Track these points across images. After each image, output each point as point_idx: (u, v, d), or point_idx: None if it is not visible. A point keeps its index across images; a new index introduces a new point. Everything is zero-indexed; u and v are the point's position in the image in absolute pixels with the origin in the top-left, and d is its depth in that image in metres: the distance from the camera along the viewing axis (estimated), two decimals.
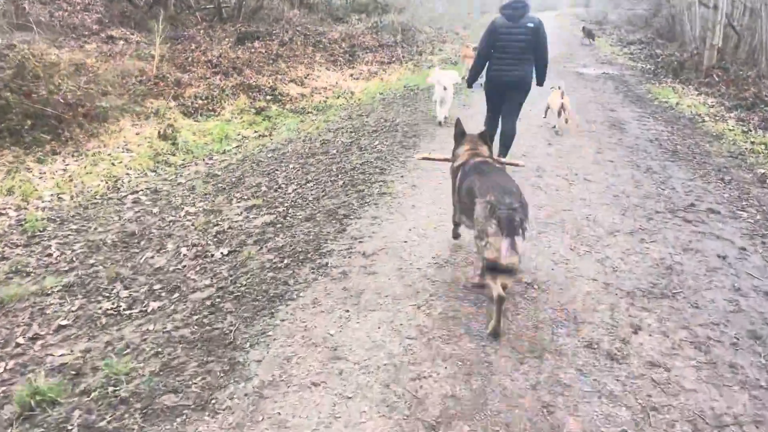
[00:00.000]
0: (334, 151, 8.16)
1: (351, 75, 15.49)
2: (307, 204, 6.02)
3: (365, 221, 5.68)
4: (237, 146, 10.00)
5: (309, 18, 22.27)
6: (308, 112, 12.42)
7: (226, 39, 16.58)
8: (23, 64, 9.14)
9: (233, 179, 7.62)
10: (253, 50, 15.43)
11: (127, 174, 8.51)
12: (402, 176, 6.80)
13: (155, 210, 6.85)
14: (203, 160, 9.23)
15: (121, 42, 15.55)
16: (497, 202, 3.71)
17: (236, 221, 5.86)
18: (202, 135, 10.59)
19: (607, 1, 40.62)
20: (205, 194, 7.11)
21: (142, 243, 5.69)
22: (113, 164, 8.78)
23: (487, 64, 7.09)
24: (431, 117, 9.44)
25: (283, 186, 6.88)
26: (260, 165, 8.23)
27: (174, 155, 9.39)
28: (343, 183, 6.58)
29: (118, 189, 7.97)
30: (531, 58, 6.80)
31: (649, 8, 31.66)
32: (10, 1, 16.31)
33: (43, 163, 8.39)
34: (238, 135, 10.76)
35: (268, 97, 13.09)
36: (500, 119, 7.29)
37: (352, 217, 5.74)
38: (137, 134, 10.13)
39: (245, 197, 6.67)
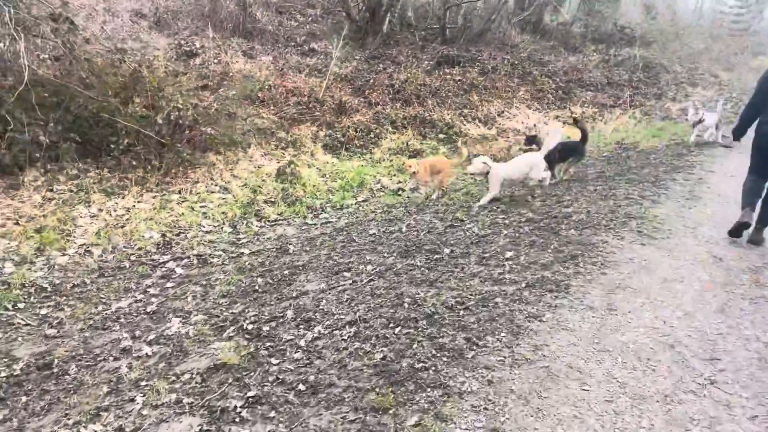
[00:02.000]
0: (441, 266, 4.74)
1: (556, 117, 11.71)
2: (283, 410, 2.83)
3: None
4: (361, 202, 7.18)
5: (539, 45, 18.60)
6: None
7: (427, 62, 13.81)
8: (137, 75, 7.22)
9: (291, 269, 4.94)
10: (447, 77, 12.43)
11: (200, 225, 6.19)
12: None
13: (150, 307, 4.33)
14: (304, 218, 6.56)
15: (318, 56, 13.70)
16: None
17: (158, 407, 2.93)
18: (333, 178, 7.95)
19: None
20: (223, 297, 4.39)
21: (25, 399, 3.14)
22: (192, 209, 6.49)
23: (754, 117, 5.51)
24: (624, 219, 5.42)
25: (317, 320, 3.81)
26: (346, 249, 5.36)
27: (273, 205, 6.83)
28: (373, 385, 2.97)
29: (170, 247, 5.64)
30: None
31: None
32: (242, 8, 15.43)
33: (109, 196, 6.36)
34: (377, 183, 7.91)
35: (441, 135, 10.03)
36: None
37: None
38: (258, 168, 7.81)
39: (248, 328, 3.79)
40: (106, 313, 4.27)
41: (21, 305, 4.38)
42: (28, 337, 3.92)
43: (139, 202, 6.44)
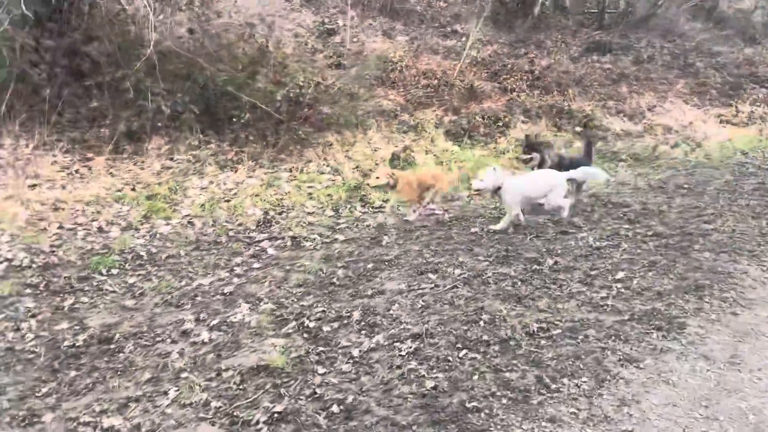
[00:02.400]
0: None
1: (719, 116, 10.09)
2: None
3: None
4: (474, 193, 6.54)
5: (711, 33, 16.31)
6: (619, 159, 8.07)
7: (575, 48, 12.60)
8: (263, 51, 7.18)
9: (376, 263, 4.59)
10: (596, 65, 11.20)
11: (303, 206, 5.98)
12: None
13: (228, 288, 4.18)
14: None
15: (459, 38, 13.02)
16: None
17: (185, 406, 2.67)
18: (449, 167, 7.39)
19: None
20: (299, 286, 4.10)
21: (74, 374, 3.06)
22: (299, 188, 6.32)
23: None
24: None
25: (382, 327, 3.36)
26: (441, 246, 4.91)
27: (380, 190, 6.45)
28: None
29: (269, 226, 5.50)
30: None
31: None
32: None
33: (222, 169, 6.37)
34: None
35: (578, 128, 9.03)
36: None
37: None
38: (375, 150, 7.48)
39: (309, 326, 3.46)
40: (186, 289, 4.16)
41: (115, 271, 4.41)
42: (109, 305, 3.90)
43: (249, 177, 6.37)
